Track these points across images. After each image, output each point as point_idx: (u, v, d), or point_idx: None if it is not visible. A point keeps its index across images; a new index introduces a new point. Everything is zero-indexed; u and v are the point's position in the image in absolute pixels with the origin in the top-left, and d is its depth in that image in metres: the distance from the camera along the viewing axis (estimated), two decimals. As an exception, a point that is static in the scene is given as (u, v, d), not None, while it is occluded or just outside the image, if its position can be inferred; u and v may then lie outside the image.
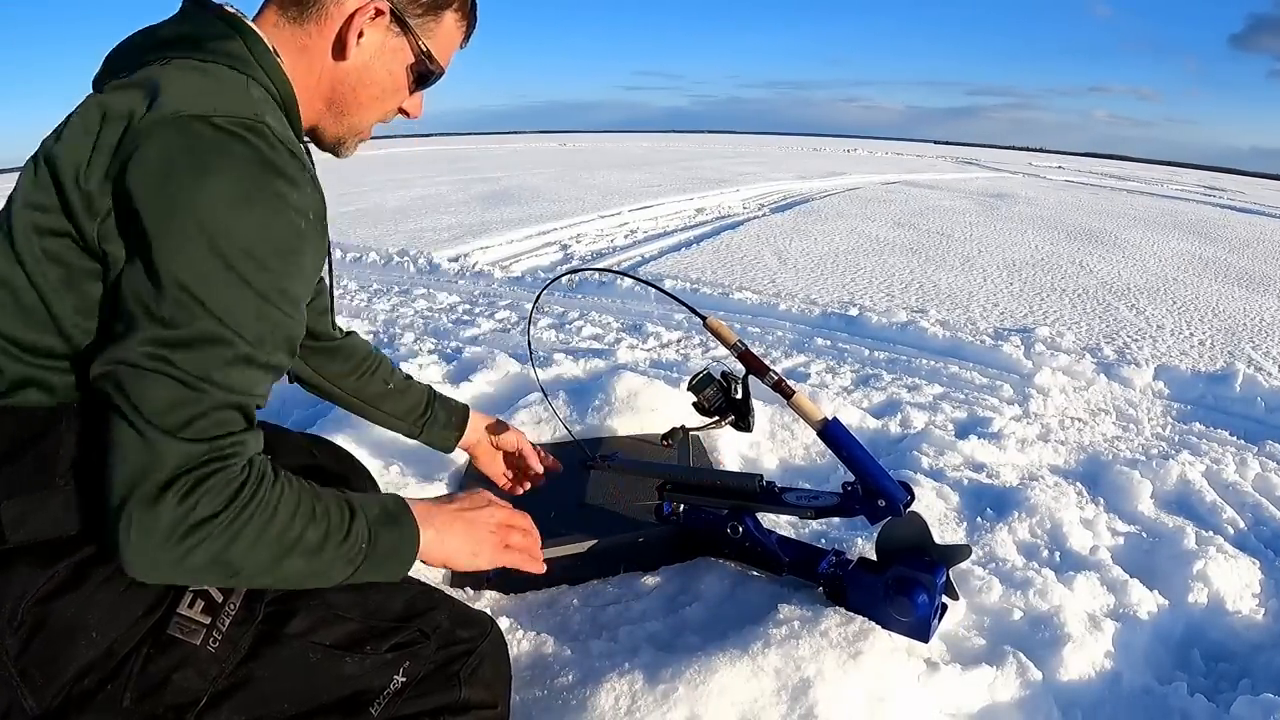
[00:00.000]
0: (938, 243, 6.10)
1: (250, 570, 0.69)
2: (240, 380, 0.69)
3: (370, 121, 0.93)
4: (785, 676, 1.10)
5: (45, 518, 0.72)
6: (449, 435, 1.35)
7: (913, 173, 14.52)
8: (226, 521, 0.66)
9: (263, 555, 0.69)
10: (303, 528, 0.71)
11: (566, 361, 2.63)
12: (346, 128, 0.92)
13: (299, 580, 0.73)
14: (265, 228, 0.69)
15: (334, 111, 0.90)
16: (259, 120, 0.72)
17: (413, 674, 0.82)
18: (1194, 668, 1.38)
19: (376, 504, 0.80)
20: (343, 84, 0.87)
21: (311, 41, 0.84)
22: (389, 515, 0.80)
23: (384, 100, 0.91)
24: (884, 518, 1.19)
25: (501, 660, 0.92)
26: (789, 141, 33.19)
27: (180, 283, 0.66)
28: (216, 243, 0.66)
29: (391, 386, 1.31)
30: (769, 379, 1.23)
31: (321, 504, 0.74)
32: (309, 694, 0.79)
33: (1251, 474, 2.11)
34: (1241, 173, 28.57)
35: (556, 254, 5.53)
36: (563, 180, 10.47)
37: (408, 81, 0.90)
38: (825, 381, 2.76)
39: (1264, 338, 3.74)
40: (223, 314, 0.67)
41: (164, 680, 0.74)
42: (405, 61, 0.89)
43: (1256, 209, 11.05)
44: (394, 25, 0.86)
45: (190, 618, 0.75)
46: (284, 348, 0.73)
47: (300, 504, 0.72)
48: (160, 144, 0.68)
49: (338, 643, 0.80)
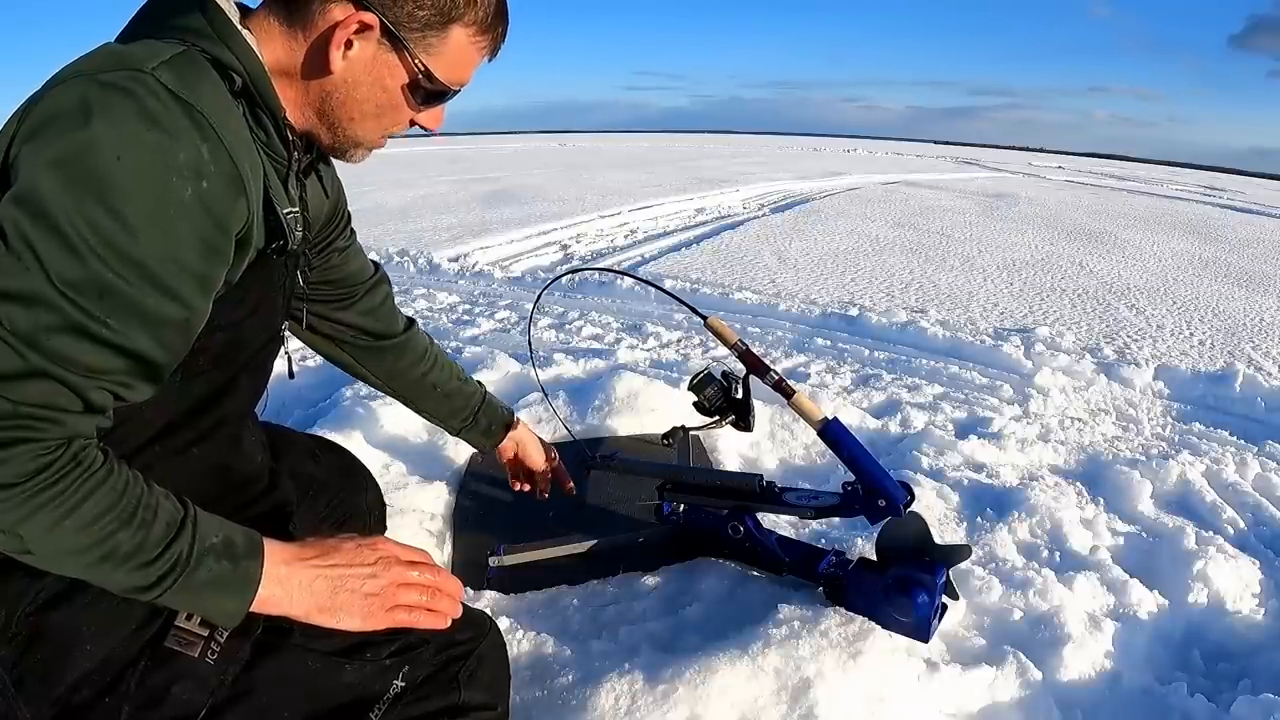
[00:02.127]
0: (938, 243, 6.10)
1: (43, 554, 0.65)
2: (71, 351, 0.62)
3: (370, 135, 0.87)
4: (785, 676, 1.10)
5: None
6: (485, 441, 1.38)
7: (913, 173, 14.52)
8: (22, 498, 0.61)
9: (59, 543, 0.64)
10: (114, 529, 0.65)
11: (566, 361, 2.63)
12: (346, 139, 0.86)
13: (99, 580, 0.67)
14: (132, 187, 0.62)
15: (325, 122, 0.84)
16: (142, 70, 0.64)
17: (412, 678, 0.82)
18: (1194, 668, 1.38)
19: (222, 534, 0.72)
20: (331, 97, 0.81)
21: (298, 47, 0.79)
22: (230, 550, 0.71)
23: (381, 117, 0.84)
24: (884, 518, 1.19)
25: (500, 662, 0.91)
26: (789, 141, 33.18)
27: (20, 232, 0.60)
28: (64, 198, 0.60)
29: (439, 391, 1.29)
30: (769, 379, 1.23)
31: (149, 511, 0.67)
32: (309, 703, 0.78)
33: (1251, 474, 2.11)
34: (1241, 173, 28.57)
35: (556, 254, 5.53)
36: (563, 180, 10.47)
37: (406, 99, 0.83)
38: (825, 381, 2.76)
39: (1264, 338, 3.74)
40: (55, 274, 0.60)
41: (163, 693, 0.73)
42: (400, 80, 0.81)
43: (1256, 209, 11.06)
44: (385, 40, 0.79)
45: (188, 629, 0.74)
46: (143, 330, 0.65)
47: (120, 504, 0.65)
48: (44, 105, 0.64)
49: (337, 650, 0.79)
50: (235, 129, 0.70)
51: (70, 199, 0.61)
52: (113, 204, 0.61)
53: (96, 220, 0.61)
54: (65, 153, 0.61)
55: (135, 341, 0.65)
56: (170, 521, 0.68)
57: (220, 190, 0.67)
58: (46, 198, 0.61)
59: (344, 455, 1.33)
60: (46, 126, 0.63)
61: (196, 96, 0.66)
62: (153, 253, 0.63)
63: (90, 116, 0.61)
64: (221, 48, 0.73)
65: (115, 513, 0.65)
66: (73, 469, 0.63)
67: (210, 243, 0.68)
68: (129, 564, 0.66)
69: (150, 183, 0.62)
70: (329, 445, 1.35)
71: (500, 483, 1.59)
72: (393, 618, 0.80)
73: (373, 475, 1.35)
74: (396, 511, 1.47)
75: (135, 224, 0.62)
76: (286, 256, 0.85)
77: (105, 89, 0.63)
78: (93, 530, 0.64)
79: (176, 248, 0.65)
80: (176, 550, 0.68)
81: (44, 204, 0.60)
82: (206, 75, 0.70)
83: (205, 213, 0.66)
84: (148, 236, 0.63)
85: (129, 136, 0.62)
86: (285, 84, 0.81)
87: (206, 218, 0.67)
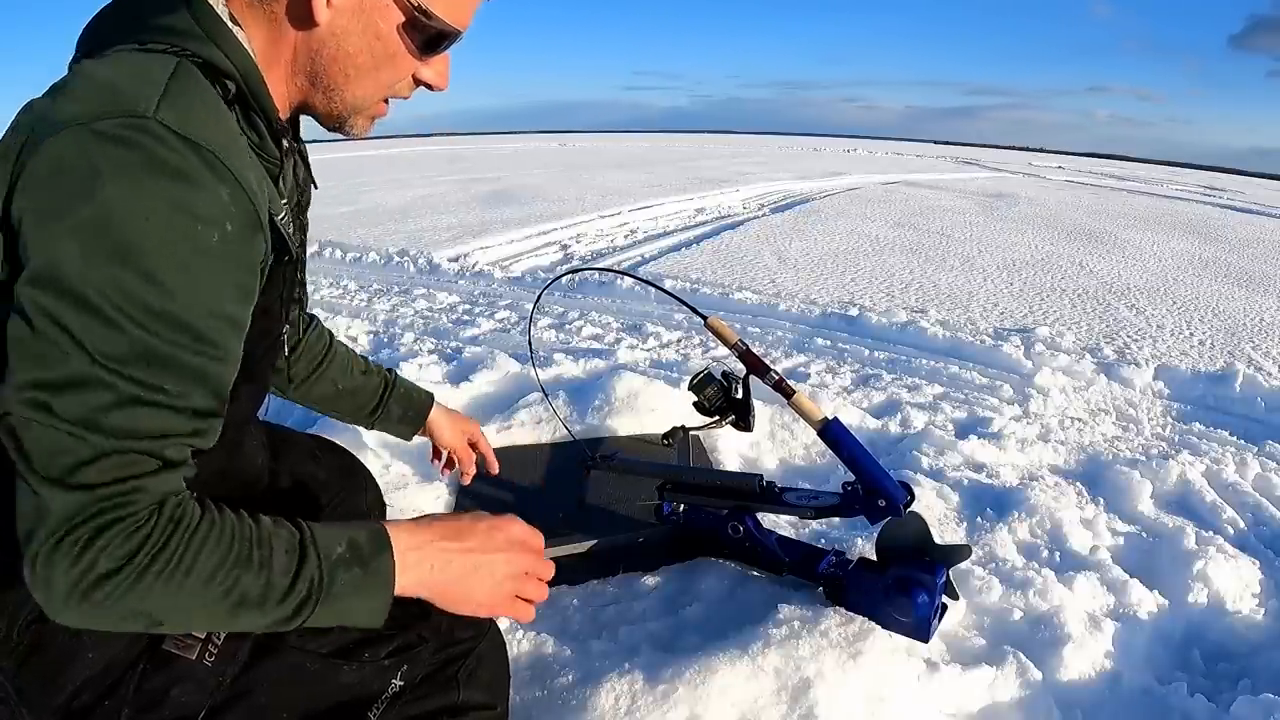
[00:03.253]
0: (938, 243, 6.10)
1: (175, 623, 0.63)
2: (132, 424, 0.60)
3: (371, 95, 0.78)
4: (785, 676, 1.10)
5: None
6: (404, 430, 1.30)
7: (913, 173, 14.53)
8: (132, 577, 0.59)
9: (185, 605, 0.62)
10: (235, 578, 0.63)
11: (566, 361, 2.63)
12: (343, 104, 0.78)
13: (245, 627, 0.66)
14: (158, 245, 0.59)
15: (319, 87, 0.76)
16: (144, 116, 0.60)
17: (411, 677, 0.81)
18: (1194, 668, 1.38)
19: (344, 541, 0.70)
20: (320, 54, 0.74)
21: (279, 8, 0.71)
22: (358, 555, 0.70)
23: (379, 70, 0.76)
24: (884, 518, 1.19)
25: (500, 661, 0.91)
26: (789, 141, 33.18)
27: (51, 316, 0.57)
28: (90, 270, 0.57)
29: (341, 388, 1.20)
30: (769, 379, 1.23)
31: (263, 550, 0.65)
32: (307, 703, 0.78)
33: (1251, 474, 2.11)
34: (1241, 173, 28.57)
35: (556, 254, 5.53)
36: (563, 180, 10.47)
37: (406, 45, 0.75)
38: (825, 381, 2.76)
39: (1264, 338, 3.74)
40: (97, 351, 0.58)
41: (162, 696, 0.73)
42: (394, 21, 0.73)
43: (1256, 209, 11.06)
44: None
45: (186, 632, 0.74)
46: (196, 386, 0.63)
47: (233, 551, 0.64)
48: (38, 162, 0.59)
49: (335, 651, 0.79)
50: (240, 153, 0.67)
51: (97, 270, 0.57)
52: (143, 266, 0.58)
53: (128, 287, 0.58)
54: (82, 222, 0.57)
55: (191, 399, 0.63)
56: (289, 549, 0.67)
57: (243, 231, 0.65)
58: (71, 273, 0.57)
59: (344, 455, 1.33)
60: (52, 189, 0.59)
61: (203, 133, 0.62)
62: (191, 309, 0.61)
63: (100, 178, 0.58)
64: (211, 48, 0.68)
65: (230, 561, 0.63)
66: (173, 532, 0.61)
67: (242, 286, 0.67)
68: (264, 605, 0.65)
69: (177, 237, 0.60)
70: (329, 445, 1.34)
71: (500, 483, 1.59)
72: (513, 606, 0.80)
73: (373, 475, 1.35)
74: (396, 511, 1.47)
75: (169, 283, 0.60)
76: (288, 265, 0.84)
77: (108, 143, 0.58)
78: (214, 586, 0.62)
79: (213, 299, 0.63)
80: (307, 576, 0.66)
81: (69, 281, 0.57)
82: (203, 97, 0.66)
83: (233, 257, 0.64)
84: (184, 293, 0.60)
85: (146, 194, 0.59)
86: (272, 58, 0.74)
87: (235, 262, 0.65)
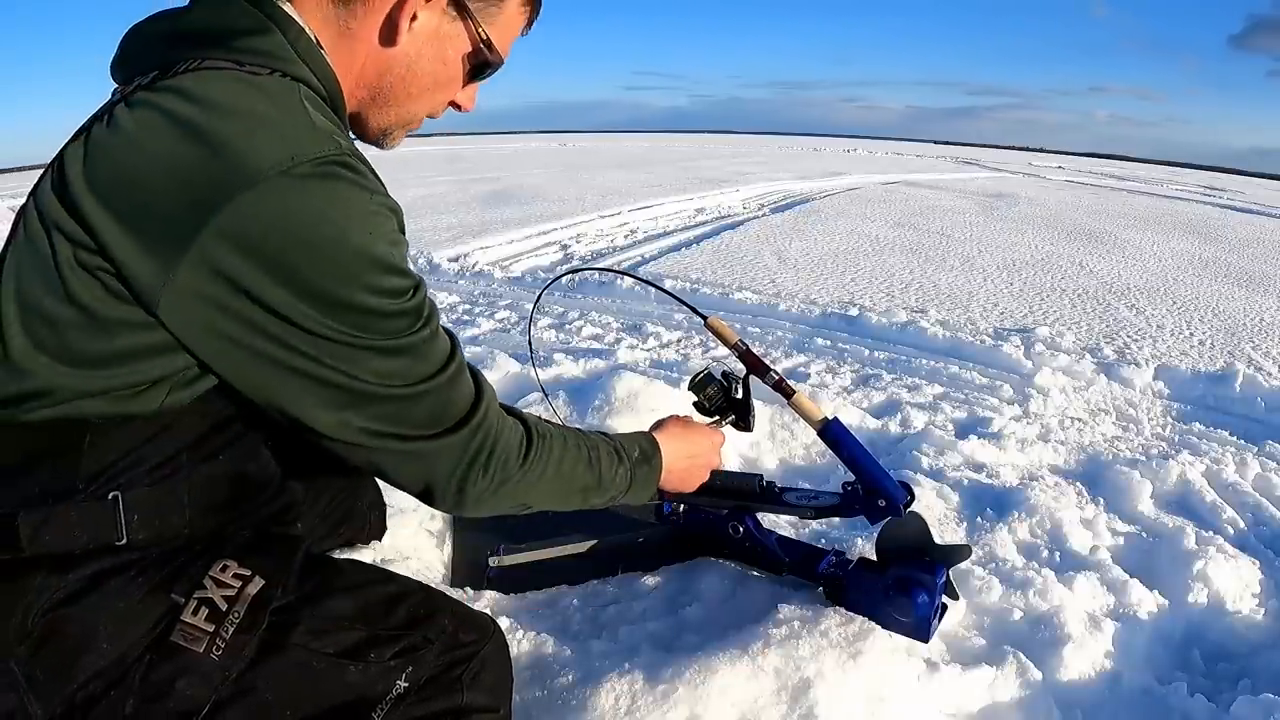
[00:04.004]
0: (938, 243, 6.10)
1: (539, 503, 0.91)
2: (439, 356, 0.76)
3: (420, 113, 0.86)
4: (785, 676, 1.10)
5: (63, 529, 0.71)
6: None
7: (913, 173, 14.52)
8: (516, 476, 0.84)
9: (547, 494, 0.90)
10: (583, 474, 0.94)
11: (566, 361, 2.63)
12: (394, 118, 0.85)
13: (576, 505, 0.97)
14: (389, 246, 0.70)
15: (379, 102, 0.83)
16: (342, 153, 0.68)
17: (415, 679, 0.82)
18: (1194, 668, 1.38)
19: (637, 446, 1.05)
20: (390, 72, 0.80)
21: (357, 25, 0.77)
22: (645, 456, 1.06)
23: (435, 91, 0.84)
24: (884, 518, 1.19)
25: (504, 665, 0.92)
26: (789, 141, 33.17)
27: (382, 312, 0.70)
28: (355, 293, 0.68)
29: None
30: (770, 379, 1.23)
31: (596, 452, 0.96)
32: (312, 702, 0.78)
33: (1251, 474, 2.10)
34: (1241, 173, 28.53)
35: (556, 254, 5.53)
36: (563, 180, 10.47)
37: (463, 71, 0.83)
38: (825, 381, 2.76)
39: (1264, 338, 3.74)
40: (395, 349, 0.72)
41: (167, 688, 0.73)
42: (462, 50, 0.82)
43: (1256, 209, 11.05)
44: (451, 9, 0.79)
45: (194, 625, 0.74)
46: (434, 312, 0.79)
47: (578, 456, 0.93)
48: (256, 219, 0.63)
49: (341, 651, 0.80)
50: None
51: (359, 290, 0.68)
52: (387, 265, 0.69)
53: (393, 284, 0.71)
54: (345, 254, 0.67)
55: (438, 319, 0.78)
56: (608, 453, 0.99)
57: None
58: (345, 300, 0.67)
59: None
60: (291, 246, 0.65)
61: (355, 148, 0.73)
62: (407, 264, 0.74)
63: (330, 212, 0.66)
64: (304, 70, 0.73)
65: (579, 461, 0.93)
66: (533, 445, 0.87)
67: None
68: (599, 491, 0.98)
69: (392, 232, 0.72)
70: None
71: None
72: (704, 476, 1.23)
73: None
74: (396, 511, 1.47)
75: (403, 264, 0.72)
76: None
77: (316, 182, 0.66)
78: (571, 480, 0.93)
79: None
80: (625, 471, 1.01)
81: (353, 298, 0.68)
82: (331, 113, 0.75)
83: None
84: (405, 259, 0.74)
85: (368, 217, 0.69)
86: (343, 73, 0.79)
87: None
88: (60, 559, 0.71)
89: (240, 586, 0.76)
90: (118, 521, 0.72)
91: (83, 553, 0.72)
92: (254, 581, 0.77)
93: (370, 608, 0.84)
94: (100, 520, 0.72)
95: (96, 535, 0.72)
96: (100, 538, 0.72)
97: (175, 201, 0.64)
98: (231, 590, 0.76)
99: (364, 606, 0.84)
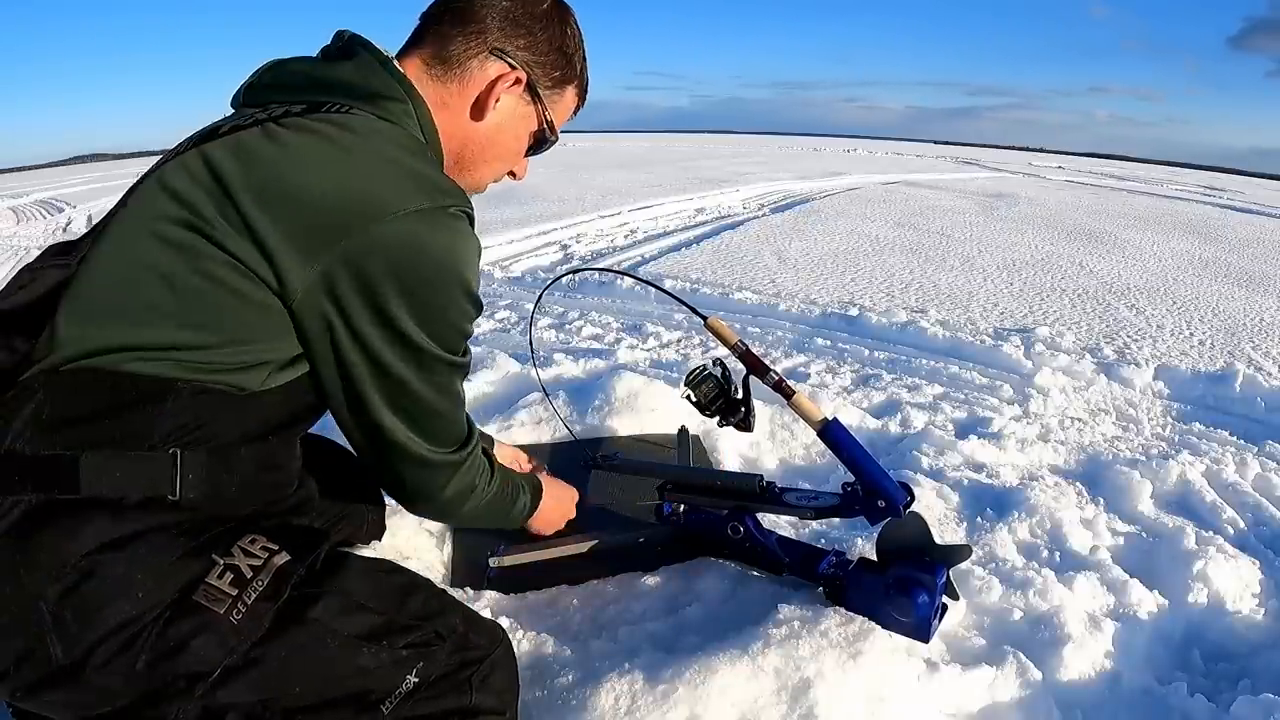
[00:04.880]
0: (938, 243, 6.09)
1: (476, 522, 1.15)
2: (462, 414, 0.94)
3: (488, 179, 1.01)
4: (785, 676, 1.10)
5: (125, 477, 0.74)
6: None
7: (913, 173, 14.51)
8: (478, 501, 0.99)
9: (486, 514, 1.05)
10: (509, 502, 1.12)
11: (567, 361, 2.63)
12: (468, 182, 0.97)
13: (494, 525, 1.20)
14: (478, 283, 0.86)
15: (459, 167, 0.96)
16: (468, 205, 0.84)
17: (425, 675, 0.83)
18: (1194, 668, 1.38)
19: (530, 486, 1.22)
20: (473, 142, 0.95)
21: (452, 99, 0.92)
22: (535, 494, 1.24)
23: (504, 161, 0.99)
24: (884, 518, 1.19)
25: (511, 669, 0.94)
26: (789, 141, 33.16)
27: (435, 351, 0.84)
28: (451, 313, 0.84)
29: None
30: (769, 379, 1.23)
31: (513, 485, 1.14)
32: (323, 682, 0.79)
33: (1251, 474, 2.11)
34: (1241, 173, 28.52)
35: (556, 254, 5.52)
36: (562, 180, 10.46)
37: (526, 146, 1.00)
38: (825, 381, 2.76)
39: (1264, 338, 3.73)
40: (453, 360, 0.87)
41: (182, 646, 0.73)
42: (530, 128, 0.98)
43: (1256, 209, 11.04)
44: (527, 94, 0.95)
45: (218, 587, 0.76)
46: None
47: (504, 488, 1.09)
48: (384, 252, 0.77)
49: (357, 633, 0.81)
50: None
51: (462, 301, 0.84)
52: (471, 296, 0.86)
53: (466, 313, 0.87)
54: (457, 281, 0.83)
55: None
56: (520, 489, 1.17)
57: None
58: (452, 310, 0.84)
59: (346, 456, 1.33)
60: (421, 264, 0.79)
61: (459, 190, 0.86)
62: None
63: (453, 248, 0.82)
64: (419, 130, 0.88)
65: (505, 491, 1.10)
66: (491, 476, 1.03)
67: None
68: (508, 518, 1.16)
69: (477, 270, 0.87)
70: (331, 445, 1.35)
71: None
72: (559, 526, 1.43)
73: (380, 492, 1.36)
74: (396, 511, 1.47)
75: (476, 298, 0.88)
76: None
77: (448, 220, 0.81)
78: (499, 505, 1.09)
79: None
80: (523, 504, 1.18)
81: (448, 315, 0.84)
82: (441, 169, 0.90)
83: None
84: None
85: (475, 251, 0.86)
86: (442, 140, 0.93)
87: None
88: (113, 506, 0.74)
89: (267, 557, 0.79)
90: (174, 476, 0.76)
91: (135, 504, 0.75)
92: (280, 554, 0.80)
93: (386, 594, 0.86)
94: (158, 473, 0.76)
95: (152, 487, 0.76)
96: (155, 490, 0.76)
97: (331, 211, 0.75)
98: (258, 560, 0.79)
99: (380, 591, 0.86)
